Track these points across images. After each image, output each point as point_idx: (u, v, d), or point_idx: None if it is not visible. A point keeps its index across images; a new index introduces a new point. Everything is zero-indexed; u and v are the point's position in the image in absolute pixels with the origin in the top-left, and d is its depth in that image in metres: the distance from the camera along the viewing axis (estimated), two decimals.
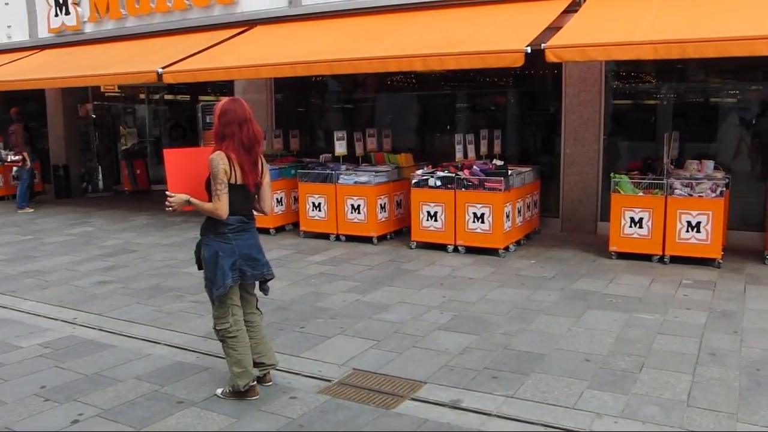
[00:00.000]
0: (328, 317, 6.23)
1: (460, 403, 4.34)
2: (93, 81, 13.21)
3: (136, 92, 17.40)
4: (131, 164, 16.04)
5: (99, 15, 13.92)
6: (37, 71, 13.49)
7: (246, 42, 11.16)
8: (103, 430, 4.10)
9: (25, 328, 6.19)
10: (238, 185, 4.23)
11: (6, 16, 16.07)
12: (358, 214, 9.54)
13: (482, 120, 11.95)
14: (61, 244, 10.08)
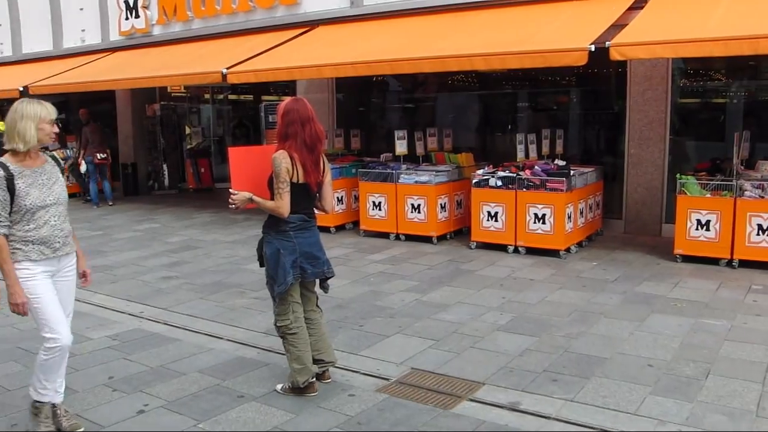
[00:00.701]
0: (387, 316, 6.25)
1: (519, 405, 4.31)
2: (160, 82, 13.57)
3: (201, 92, 17.78)
4: (196, 163, 16.38)
5: (167, 18, 14.29)
6: (108, 73, 13.92)
7: (308, 42, 11.28)
8: (167, 421, 4.21)
9: (95, 320, 6.40)
10: (300, 184, 4.29)
11: (80, 20, 16.67)
12: (418, 214, 9.54)
13: (544, 119, 11.79)
14: (129, 240, 10.39)
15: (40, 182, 3.89)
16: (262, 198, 4.33)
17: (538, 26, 8.70)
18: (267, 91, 16.36)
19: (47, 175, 3.95)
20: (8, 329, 6.16)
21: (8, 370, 5.15)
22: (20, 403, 4.52)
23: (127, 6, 15.09)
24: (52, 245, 3.92)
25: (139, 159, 16.54)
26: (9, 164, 3.82)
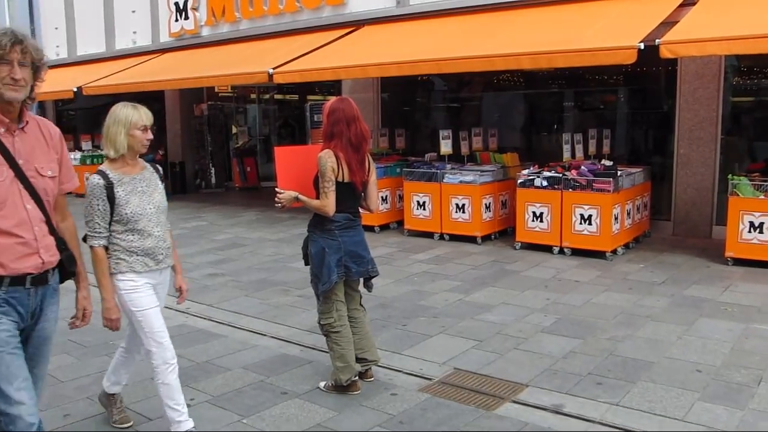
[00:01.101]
0: (431, 316, 6.25)
1: (563, 408, 4.26)
2: (208, 82, 13.79)
3: (247, 92, 18.00)
4: (242, 162, 16.60)
5: (215, 19, 14.50)
6: (157, 73, 14.20)
7: (353, 42, 11.33)
8: (212, 415, 4.28)
9: None
10: (345, 183, 4.31)
11: (132, 22, 17.05)
12: (463, 214, 9.51)
13: (591, 119, 11.64)
14: (176, 237, 10.42)
15: (140, 190, 3.73)
16: (308, 197, 4.36)
17: (585, 24, 8.59)
18: (312, 90, 16.49)
19: (146, 182, 3.79)
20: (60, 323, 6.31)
21: (61, 362, 5.29)
22: (72, 394, 4.65)
23: (177, 8, 15.37)
24: (156, 257, 3.79)
25: (187, 158, 16.83)
26: (108, 171, 3.67)
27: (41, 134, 2.98)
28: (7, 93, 2.74)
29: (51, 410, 4.38)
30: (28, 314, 2.92)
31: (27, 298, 2.89)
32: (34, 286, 2.91)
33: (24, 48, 2.77)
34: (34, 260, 2.88)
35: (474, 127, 10.86)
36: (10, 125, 2.83)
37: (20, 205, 2.82)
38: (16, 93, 2.76)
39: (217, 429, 4.09)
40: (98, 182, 3.61)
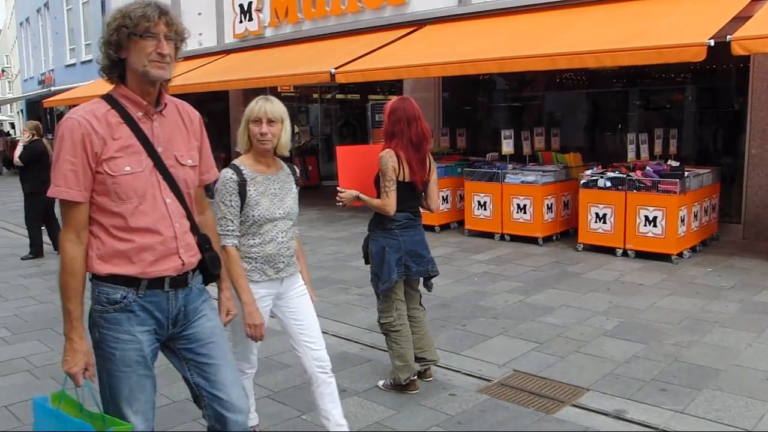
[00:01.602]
0: (490, 317, 6.21)
1: (625, 414, 4.18)
2: (271, 82, 13.99)
3: (309, 92, 18.20)
4: (304, 161, 16.79)
5: (278, 20, 14.72)
6: (222, 74, 14.49)
7: (415, 41, 11.34)
8: (273, 410, 4.35)
9: None
10: (406, 182, 4.32)
11: (198, 24, 17.42)
12: (524, 214, 9.42)
13: (657, 118, 11.37)
14: None
15: (272, 192, 3.45)
16: (369, 196, 4.39)
17: (651, 22, 8.40)
18: (373, 90, 16.56)
19: (280, 184, 3.50)
20: None
21: None
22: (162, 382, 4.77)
23: (242, 9, 15.66)
24: (276, 265, 3.48)
25: None
26: (242, 167, 3.44)
27: (180, 118, 2.68)
28: (153, 71, 2.44)
29: None
30: (168, 320, 2.62)
31: (166, 302, 2.59)
32: (174, 288, 2.59)
33: (169, 20, 2.47)
34: (174, 262, 2.56)
35: (536, 126, 10.73)
36: (149, 108, 2.53)
37: (159, 199, 2.52)
38: (162, 71, 2.46)
39: (277, 423, 4.15)
40: (231, 176, 3.38)
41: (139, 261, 2.49)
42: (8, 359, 5.43)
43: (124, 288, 2.50)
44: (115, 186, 2.42)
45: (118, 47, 2.43)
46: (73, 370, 2.54)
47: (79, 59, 25.03)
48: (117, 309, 2.52)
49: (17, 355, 5.52)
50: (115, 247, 2.47)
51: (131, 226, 2.46)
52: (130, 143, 2.46)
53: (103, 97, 2.51)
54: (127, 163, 2.44)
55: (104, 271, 2.49)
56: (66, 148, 2.38)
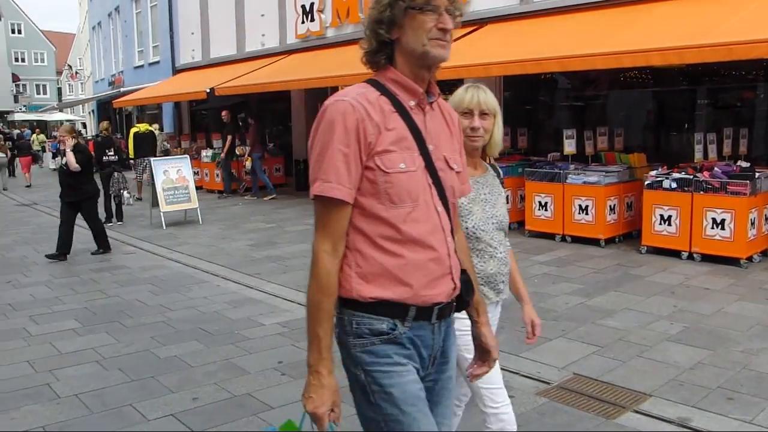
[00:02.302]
0: (550, 318, 6.13)
1: (689, 422, 4.07)
2: (332, 82, 14.10)
3: None
4: None
5: (340, 20, 14.85)
6: (284, 74, 14.71)
7: (476, 41, 11.29)
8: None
9: (267, 307, 6.80)
10: None
11: (261, 25, 17.77)
12: (586, 215, 9.27)
13: (725, 117, 11.01)
14: (300, 233, 10.91)
15: (483, 198, 2.92)
16: None
17: (722, 17, 8.15)
18: None
19: (489, 188, 2.98)
20: (191, 311, 6.70)
21: (192, 348, 5.59)
22: (201, 379, 4.90)
23: (304, 10, 15.86)
24: (497, 285, 3.02)
25: None
26: None
27: (442, 115, 2.23)
28: (434, 50, 2.02)
29: (181, 393, 4.65)
30: (429, 358, 2.15)
31: (431, 336, 2.12)
32: (439, 319, 2.12)
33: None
34: (447, 284, 2.10)
35: (599, 126, 10.54)
36: (423, 98, 2.11)
37: (432, 206, 2.07)
38: (443, 50, 2.04)
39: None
40: None
41: (411, 282, 2.01)
42: (78, 350, 5.63)
43: (390, 317, 2.03)
44: (387, 185, 1.99)
45: (391, 25, 2.03)
46: (319, 411, 2.07)
47: (146, 61, 25.73)
48: (384, 341, 2.04)
49: (87, 346, 5.73)
50: (382, 264, 2.00)
51: (403, 236, 2.00)
52: (403, 136, 2.03)
53: (368, 82, 2.12)
54: (402, 159, 2.01)
55: (369, 295, 2.00)
56: (338, 136, 1.96)
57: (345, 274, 2.02)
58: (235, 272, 8.35)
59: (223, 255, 9.43)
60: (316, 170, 1.99)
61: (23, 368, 5.24)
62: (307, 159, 12.69)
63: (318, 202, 2.01)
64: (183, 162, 12.67)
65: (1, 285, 8.05)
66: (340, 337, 2.10)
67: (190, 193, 12.34)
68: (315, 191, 1.98)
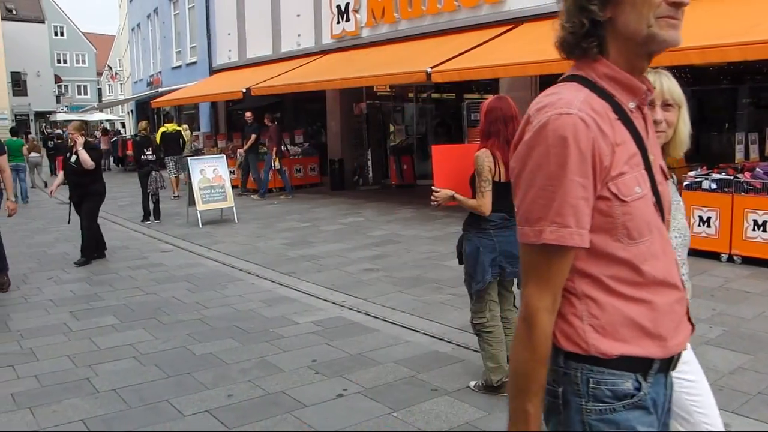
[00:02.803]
0: None
1: (728, 428, 3.97)
2: (367, 81, 14.16)
3: (405, 91, 18.28)
4: (399, 159, 16.88)
5: (375, 20, 14.87)
6: (319, 74, 14.77)
7: (512, 39, 11.21)
8: (364, 406, 4.40)
9: (301, 306, 6.84)
10: (502, 183, 4.28)
11: (297, 26, 17.87)
12: None
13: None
14: (334, 232, 10.95)
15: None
16: (464, 196, 4.37)
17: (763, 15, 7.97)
18: (469, 89, 16.47)
19: (673, 195, 2.51)
20: (227, 308, 6.76)
21: (227, 345, 5.65)
22: (236, 376, 4.94)
23: (339, 10, 15.90)
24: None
25: (346, 155, 17.35)
26: None
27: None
28: (664, 32, 1.58)
29: (216, 390, 4.70)
30: (660, 422, 1.71)
31: (663, 391, 1.71)
32: (672, 369, 1.74)
33: None
34: (686, 327, 1.77)
35: None
36: (644, 98, 1.68)
37: (663, 233, 1.68)
38: (676, 32, 1.60)
39: (368, 420, 4.20)
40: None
41: (662, 333, 1.64)
42: (116, 345, 5.73)
43: (633, 374, 1.61)
44: (626, 218, 1.57)
45: (605, 2, 1.59)
46: None
47: (184, 61, 26.03)
48: (627, 406, 1.61)
49: (125, 342, 5.82)
50: (624, 312, 1.59)
51: (645, 278, 1.61)
52: (633, 151, 1.60)
53: (578, 80, 1.66)
54: (636, 182, 1.59)
55: (613, 351, 1.59)
56: (573, 164, 1.51)
57: (574, 326, 1.60)
58: (269, 271, 8.42)
59: (259, 253, 9.50)
60: (540, 208, 1.56)
61: (64, 363, 5.35)
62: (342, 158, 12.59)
63: (541, 250, 1.56)
64: (219, 161, 12.79)
65: (43, 281, 8.22)
66: (565, 397, 1.63)
67: (226, 192, 12.46)
68: (548, 239, 1.54)
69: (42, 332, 6.16)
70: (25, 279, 8.35)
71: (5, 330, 6.27)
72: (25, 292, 7.69)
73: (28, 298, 7.45)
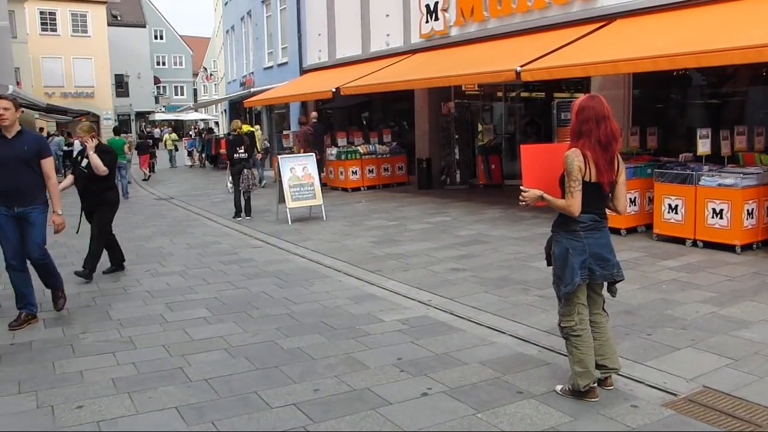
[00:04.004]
0: (678, 327, 5.85)
1: None
2: (456, 81, 14.10)
3: (493, 90, 18.12)
4: (487, 159, 16.73)
5: (464, 18, 14.80)
6: (407, 73, 14.81)
7: (604, 37, 10.94)
8: (448, 406, 4.39)
9: (387, 304, 6.89)
10: (592, 183, 4.19)
11: (385, 26, 18.00)
12: (720, 220, 8.77)
13: None
14: (421, 231, 10.97)
15: None
16: (553, 196, 4.31)
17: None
18: (559, 88, 16.19)
19: None
20: (314, 305, 6.89)
21: (314, 341, 5.75)
22: (322, 371, 5.03)
23: (428, 10, 15.91)
24: None
25: (434, 154, 17.34)
26: None
27: None
28: None
29: (303, 384, 4.79)
30: None
31: None
32: None
33: None
34: None
35: (737, 125, 9.95)
36: None
37: None
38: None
39: (452, 419, 4.19)
40: None
41: None
42: (208, 337, 5.93)
43: None
44: None
45: None
46: None
47: (275, 62, 26.61)
48: None
49: (216, 334, 6.01)
50: None
51: None
52: None
53: None
54: None
55: None
56: None
57: None
58: (357, 268, 8.51)
59: (346, 251, 9.63)
60: None
61: (159, 352, 5.58)
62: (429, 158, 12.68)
63: None
64: (309, 160, 13.02)
65: (141, 273, 8.59)
66: None
67: (315, 190, 12.67)
68: None
69: (139, 322, 6.45)
70: (124, 271, 8.75)
71: (107, 319, 6.60)
72: (125, 284, 8.06)
73: (128, 289, 7.81)
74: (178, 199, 17.62)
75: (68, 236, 8.11)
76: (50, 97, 40.56)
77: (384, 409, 4.34)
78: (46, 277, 6.69)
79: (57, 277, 6.80)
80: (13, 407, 4.54)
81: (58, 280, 6.83)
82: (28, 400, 4.64)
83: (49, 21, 45.44)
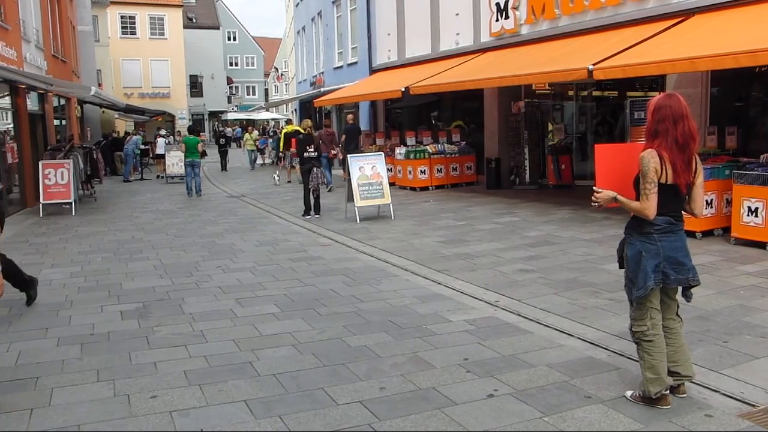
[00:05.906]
0: (757, 335, 5.63)
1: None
2: (526, 80, 13.92)
3: (564, 89, 17.82)
4: (557, 159, 16.47)
5: (535, 17, 14.62)
6: (477, 72, 14.72)
7: (681, 33, 10.62)
8: (514, 409, 4.34)
9: (454, 304, 6.86)
10: (668, 185, 4.07)
11: (455, 24, 17.94)
12: None
13: None
14: (489, 232, 10.88)
15: None
16: (627, 198, 4.20)
17: None
18: (632, 86, 15.80)
19: None
20: (382, 303, 6.92)
21: (380, 339, 5.78)
22: (388, 369, 5.05)
23: (498, 8, 15.78)
24: None
25: (503, 154, 17.17)
26: None
27: None
28: None
29: (369, 381, 4.82)
30: None
31: None
32: None
33: None
34: None
35: None
36: None
37: None
38: None
39: (519, 422, 4.15)
40: None
41: None
42: (277, 333, 6.03)
43: None
44: None
45: None
46: None
47: (345, 62, 26.85)
48: None
49: (284, 330, 6.11)
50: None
51: None
52: None
53: None
54: None
55: None
56: None
57: None
58: (424, 268, 8.51)
59: (413, 250, 9.63)
60: None
61: (229, 346, 5.70)
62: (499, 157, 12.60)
63: None
64: (378, 159, 13.07)
65: (213, 269, 8.80)
66: None
67: (384, 189, 12.72)
68: None
69: (211, 316, 6.61)
70: (197, 266, 8.99)
71: (180, 312, 6.79)
72: (197, 279, 8.27)
73: (200, 284, 8.01)
74: (248, 196, 17.97)
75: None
76: (129, 97, 42.09)
77: (449, 410, 4.33)
78: None
79: None
80: (92, 395, 4.72)
81: None
82: (107, 389, 4.82)
83: (129, 25, 47.13)
